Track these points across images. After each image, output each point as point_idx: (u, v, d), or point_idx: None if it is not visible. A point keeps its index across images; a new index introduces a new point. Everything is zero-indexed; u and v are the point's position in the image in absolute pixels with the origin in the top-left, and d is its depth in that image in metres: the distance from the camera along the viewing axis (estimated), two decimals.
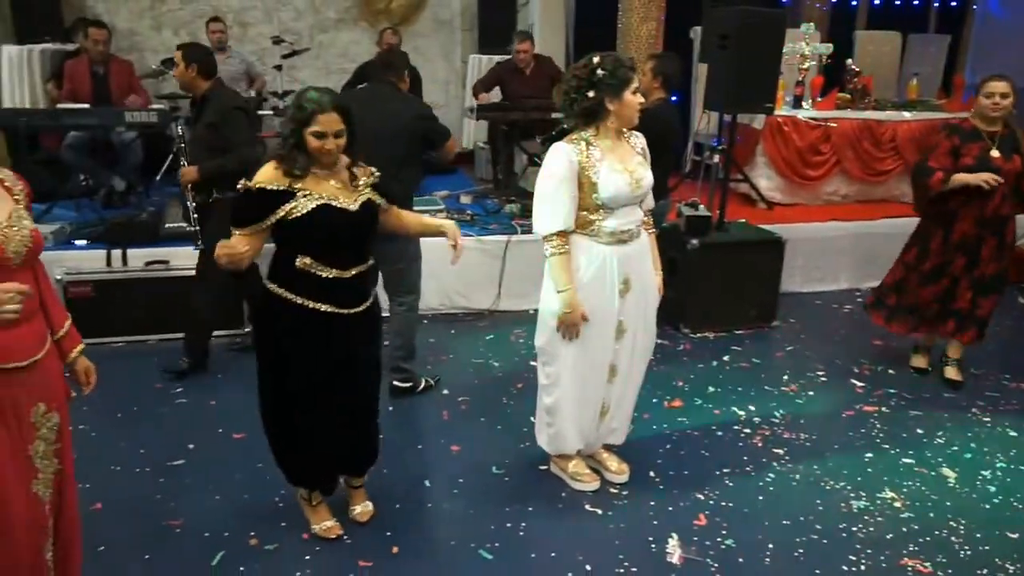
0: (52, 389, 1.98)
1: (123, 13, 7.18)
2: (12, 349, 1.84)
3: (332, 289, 2.43)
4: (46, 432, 1.96)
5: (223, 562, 2.59)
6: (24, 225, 1.90)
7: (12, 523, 1.88)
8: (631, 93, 2.69)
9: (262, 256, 2.56)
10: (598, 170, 2.69)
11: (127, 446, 3.32)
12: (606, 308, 2.81)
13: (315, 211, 2.36)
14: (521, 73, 6.20)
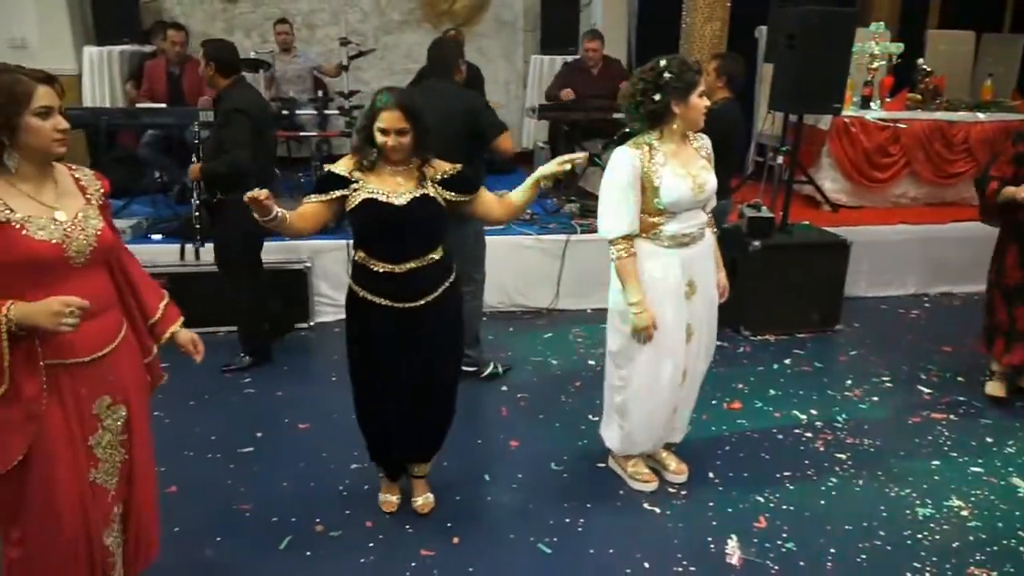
0: (120, 383, 2.05)
1: (197, 16, 7.44)
2: (75, 345, 1.92)
3: (386, 283, 2.51)
4: (111, 424, 2.03)
5: (290, 546, 2.69)
6: (91, 225, 1.95)
7: (60, 509, 1.96)
8: (697, 96, 2.70)
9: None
10: (661, 175, 2.70)
11: (199, 432, 3.46)
12: (675, 312, 2.82)
13: (361, 205, 2.48)
14: (588, 73, 6.22)
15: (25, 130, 1.82)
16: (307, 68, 6.86)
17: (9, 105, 1.79)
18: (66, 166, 2.02)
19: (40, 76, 1.85)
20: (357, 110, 6.42)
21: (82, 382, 1.95)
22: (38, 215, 1.86)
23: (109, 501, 2.07)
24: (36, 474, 1.93)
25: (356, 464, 3.17)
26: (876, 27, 5.96)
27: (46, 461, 1.93)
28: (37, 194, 1.89)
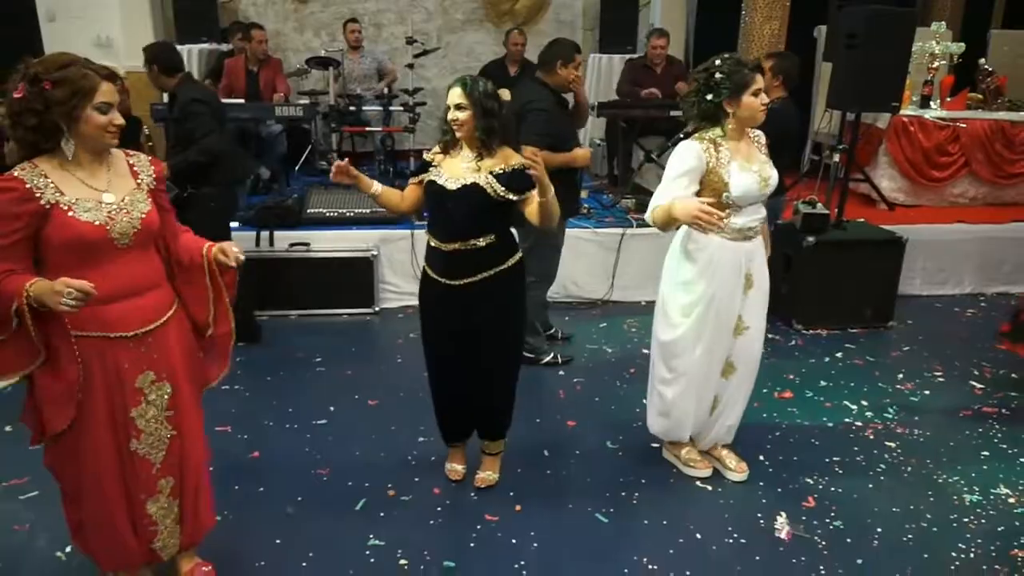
0: (166, 361, 2.17)
1: (270, 15, 7.79)
2: (120, 320, 2.06)
3: (437, 258, 2.76)
4: (155, 399, 2.16)
5: (365, 507, 2.91)
6: (138, 209, 2.08)
7: (101, 474, 2.14)
8: (750, 95, 2.74)
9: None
10: (729, 169, 2.77)
11: (276, 405, 3.71)
12: (729, 304, 2.90)
13: (427, 185, 2.75)
14: (652, 71, 6.35)
15: (84, 121, 1.98)
16: (373, 66, 7.13)
17: (74, 97, 1.94)
18: (124, 152, 2.17)
19: (105, 73, 2.02)
20: (420, 107, 6.67)
21: (124, 356, 2.09)
22: (86, 198, 2.01)
23: (153, 473, 2.21)
24: (82, 441, 2.11)
25: (423, 438, 3.38)
26: (937, 27, 5.97)
27: (86, 429, 2.09)
28: (89, 178, 2.04)
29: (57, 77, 1.93)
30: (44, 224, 1.97)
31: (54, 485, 2.90)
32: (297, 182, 6.46)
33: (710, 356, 2.96)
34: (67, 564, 2.58)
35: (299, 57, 7.48)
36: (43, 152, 2.02)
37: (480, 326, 2.78)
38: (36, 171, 1.99)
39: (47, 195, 1.97)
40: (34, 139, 1.99)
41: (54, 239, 1.99)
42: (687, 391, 3.02)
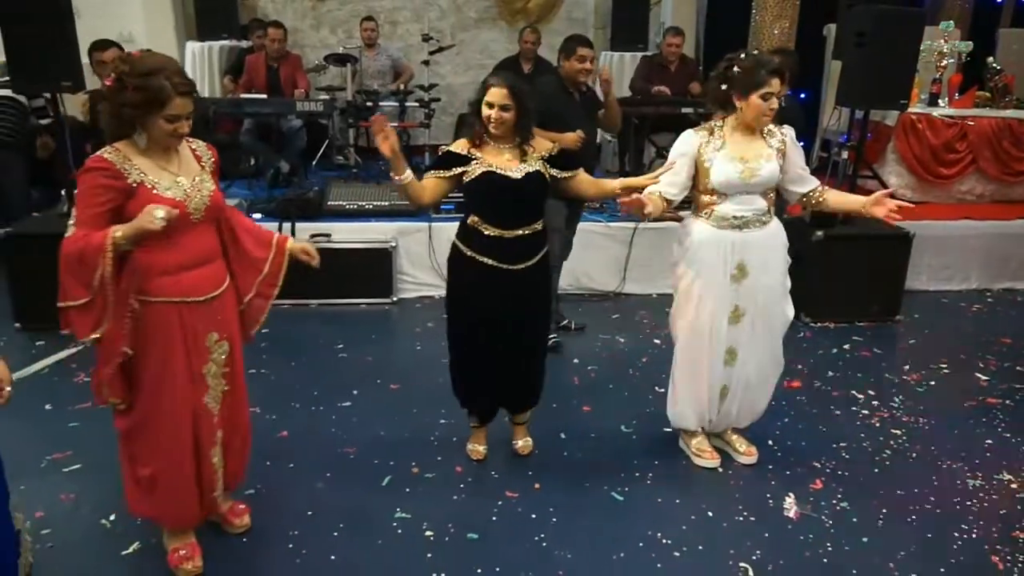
0: (225, 322, 2.43)
1: (288, 13, 7.92)
2: (194, 287, 2.32)
3: (494, 246, 2.84)
4: (217, 356, 2.43)
5: (391, 483, 3.04)
6: (206, 188, 2.34)
7: (179, 429, 2.38)
8: (758, 97, 2.80)
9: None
10: (712, 158, 2.88)
11: (302, 388, 3.84)
12: (717, 290, 2.98)
13: (482, 176, 2.82)
14: (666, 69, 6.45)
15: (153, 126, 2.20)
16: (388, 63, 7.26)
17: (147, 104, 2.16)
18: (185, 140, 2.38)
19: (184, 89, 2.20)
20: (435, 103, 6.80)
21: (198, 319, 2.35)
22: (165, 178, 2.26)
23: (214, 424, 2.47)
24: (164, 400, 2.33)
25: (444, 420, 3.51)
26: (946, 25, 6.06)
27: (169, 387, 2.33)
28: (164, 162, 2.28)
29: (137, 84, 2.14)
30: (129, 201, 2.18)
31: (95, 458, 3.09)
32: (315, 176, 6.59)
33: (701, 341, 3.04)
34: (111, 531, 2.72)
35: (316, 53, 7.61)
36: (122, 137, 2.24)
37: (531, 305, 2.97)
38: (120, 155, 2.21)
39: (133, 175, 2.19)
40: (116, 126, 2.22)
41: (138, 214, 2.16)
42: (681, 374, 3.14)
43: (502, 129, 2.79)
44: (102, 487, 2.92)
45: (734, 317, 3.04)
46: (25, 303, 4.45)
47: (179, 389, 2.35)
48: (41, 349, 4.19)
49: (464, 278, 2.94)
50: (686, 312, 3.06)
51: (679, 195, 2.98)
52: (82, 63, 4.38)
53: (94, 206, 2.16)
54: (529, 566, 2.57)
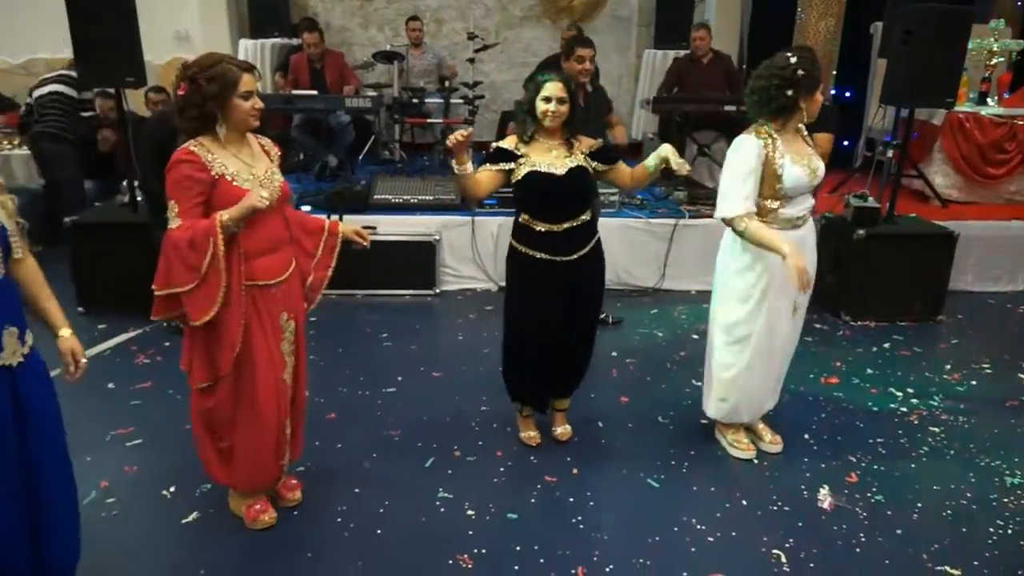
0: (293, 302, 2.62)
1: (337, 12, 8.12)
2: (268, 270, 2.49)
3: (547, 240, 2.96)
4: (288, 335, 2.62)
5: (433, 465, 3.16)
6: (276, 179, 2.51)
7: (263, 403, 2.54)
8: (820, 92, 2.93)
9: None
10: (782, 163, 2.91)
11: (349, 373, 3.98)
12: (786, 289, 3.01)
13: (527, 176, 2.93)
14: (698, 63, 6.48)
15: (232, 108, 2.36)
16: (434, 61, 7.40)
17: (223, 89, 2.33)
18: (252, 135, 2.56)
19: (246, 66, 2.40)
20: (479, 99, 6.92)
21: (272, 300, 2.53)
22: (242, 170, 2.42)
23: (288, 398, 2.66)
24: (247, 377, 2.50)
25: (485, 407, 3.62)
26: (996, 24, 5.98)
27: (252, 365, 2.50)
28: (240, 154, 2.46)
29: (209, 75, 2.31)
30: (212, 191, 2.35)
31: (155, 434, 3.27)
32: (361, 170, 6.76)
33: (771, 339, 3.11)
34: (172, 501, 2.88)
35: (364, 51, 7.80)
36: (201, 135, 2.39)
37: (587, 293, 3.09)
38: (204, 148, 2.37)
39: (216, 167, 2.36)
40: (196, 127, 2.38)
41: (221, 204, 2.34)
42: (750, 374, 3.16)
43: (558, 121, 2.91)
44: (163, 461, 3.10)
45: (795, 312, 3.14)
46: (88, 289, 4.68)
47: (261, 367, 2.52)
48: (103, 332, 4.41)
49: (522, 275, 3.06)
50: (757, 317, 3.06)
51: (752, 209, 2.96)
52: (145, 61, 4.58)
53: (191, 198, 2.33)
54: (566, 546, 2.66)
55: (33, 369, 1.99)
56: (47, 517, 2.08)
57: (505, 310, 3.17)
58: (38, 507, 2.05)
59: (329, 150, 6.43)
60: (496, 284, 5.18)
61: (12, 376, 1.93)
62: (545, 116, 2.89)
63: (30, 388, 1.97)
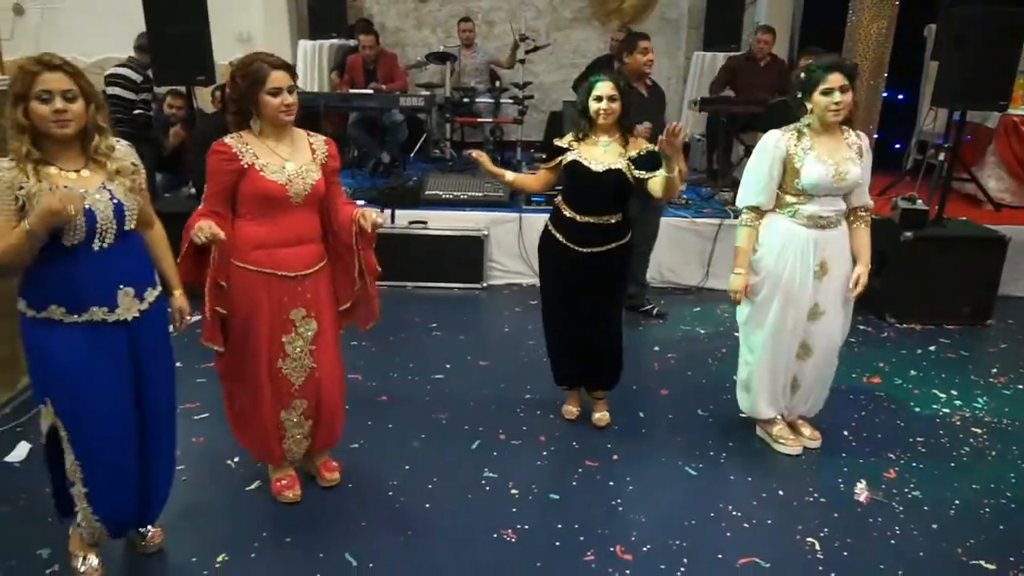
0: (315, 302, 2.67)
1: (392, 13, 8.35)
2: (285, 262, 2.58)
3: (568, 226, 3.14)
4: (304, 332, 2.68)
5: (479, 448, 3.30)
6: (311, 176, 2.57)
7: (256, 381, 2.67)
8: (819, 94, 2.92)
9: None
10: (803, 159, 2.98)
11: (399, 360, 4.15)
12: (799, 287, 3.09)
13: (569, 164, 3.11)
14: (756, 65, 6.51)
15: (262, 103, 2.49)
16: (485, 62, 7.56)
17: (253, 85, 2.49)
18: (306, 132, 2.71)
19: (276, 63, 2.52)
20: (529, 100, 7.05)
21: (284, 292, 2.62)
22: (273, 163, 2.53)
23: (291, 391, 2.74)
24: (245, 350, 2.65)
25: (529, 395, 3.75)
26: None
27: (252, 344, 2.63)
28: (277, 148, 2.56)
29: (243, 72, 2.49)
30: (241, 180, 2.51)
31: (220, 409, 3.45)
32: (412, 167, 6.96)
33: (780, 336, 3.16)
34: (236, 470, 3.08)
35: (417, 52, 8.00)
36: (244, 128, 2.58)
37: (597, 289, 3.20)
38: (241, 140, 2.54)
39: (246, 158, 2.51)
40: (238, 120, 2.56)
41: (247, 192, 2.52)
42: (761, 369, 3.24)
43: (610, 119, 3.04)
44: (226, 434, 3.24)
45: (813, 314, 3.16)
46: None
47: (255, 348, 2.64)
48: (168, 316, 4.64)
49: (545, 249, 3.27)
50: (767, 309, 3.15)
51: (772, 203, 3.09)
52: (214, 61, 4.83)
53: (215, 184, 2.53)
54: (605, 525, 2.78)
55: (148, 324, 2.29)
56: (152, 451, 2.40)
57: (540, 289, 3.41)
58: (146, 441, 2.37)
59: (383, 147, 6.63)
60: None
61: (129, 329, 2.23)
62: (598, 115, 3.03)
63: (145, 340, 2.28)
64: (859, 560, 2.63)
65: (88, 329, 2.16)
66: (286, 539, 2.69)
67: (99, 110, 2.14)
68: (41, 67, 2.01)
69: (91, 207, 2.09)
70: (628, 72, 4.27)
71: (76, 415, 2.21)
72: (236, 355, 2.67)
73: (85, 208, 2.07)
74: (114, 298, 2.18)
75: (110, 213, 2.13)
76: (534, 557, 2.61)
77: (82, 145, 2.14)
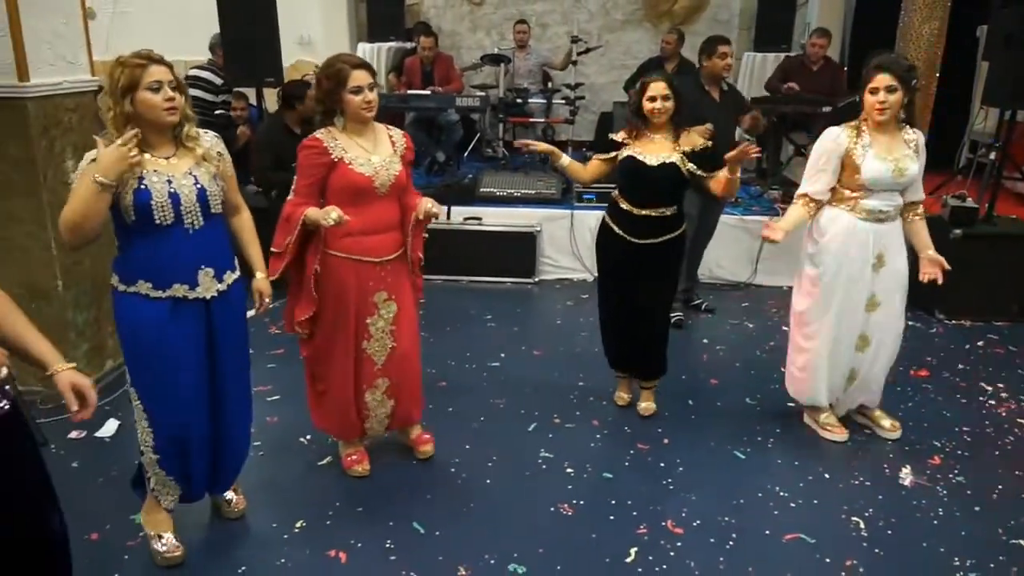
0: (396, 286, 2.89)
1: (448, 17, 8.59)
2: (371, 248, 2.80)
3: (625, 219, 3.30)
4: (385, 313, 2.90)
5: (536, 429, 3.49)
6: (394, 168, 2.79)
7: (341, 362, 2.88)
8: (867, 93, 3.06)
9: None
10: (863, 155, 3.12)
11: (456, 349, 4.36)
12: (857, 279, 3.21)
13: (624, 160, 3.28)
14: (808, 68, 6.57)
15: (345, 101, 2.71)
16: (538, 64, 7.75)
17: (337, 85, 2.69)
18: (385, 126, 2.92)
19: (356, 63, 2.73)
20: (580, 100, 7.22)
21: (369, 276, 2.84)
22: (361, 157, 2.74)
23: (374, 371, 2.96)
24: (333, 333, 2.87)
25: (582, 382, 3.92)
26: None
27: (339, 326, 2.85)
28: (363, 143, 2.78)
29: (326, 73, 2.71)
30: (331, 173, 2.73)
31: (291, 392, 3.71)
32: (466, 166, 7.18)
33: (839, 327, 3.28)
34: (308, 447, 3.31)
35: (471, 54, 8.23)
36: (330, 125, 2.79)
37: (652, 278, 3.36)
38: (330, 135, 2.76)
39: (336, 152, 2.72)
40: (325, 119, 2.78)
41: (336, 184, 2.74)
42: (819, 358, 3.35)
43: (664, 117, 3.20)
44: (298, 415, 3.52)
45: (871, 305, 3.28)
46: None
47: (343, 330, 2.86)
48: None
49: (603, 244, 3.45)
50: (830, 299, 3.26)
51: (826, 195, 3.23)
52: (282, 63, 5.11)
53: (307, 177, 2.75)
54: (656, 502, 2.94)
55: (225, 303, 2.47)
56: (225, 423, 2.60)
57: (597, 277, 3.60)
58: (220, 413, 2.57)
59: (438, 146, 6.87)
60: (592, 274, 5.46)
61: (207, 306, 2.43)
62: (652, 114, 3.19)
63: (221, 318, 2.47)
64: (902, 538, 2.75)
65: (170, 304, 2.35)
66: (357, 508, 2.91)
67: (187, 100, 2.36)
68: (148, 60, 2.23)
69: (177, 191, 2.29)
70: (705, 75, 4.40)
71: (151, 382, 2.40)
72: (324, 338, 2.89)
73: (171, 191, 2.28)
74: (195, 277, 2.37)
75: (194, 197, 2.33)
76: (589, 529, 2.79)
77: (172, 133, 2.35)
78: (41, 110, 3.35)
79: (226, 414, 2.60)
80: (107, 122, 2.25)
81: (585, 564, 2.61)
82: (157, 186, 2.25)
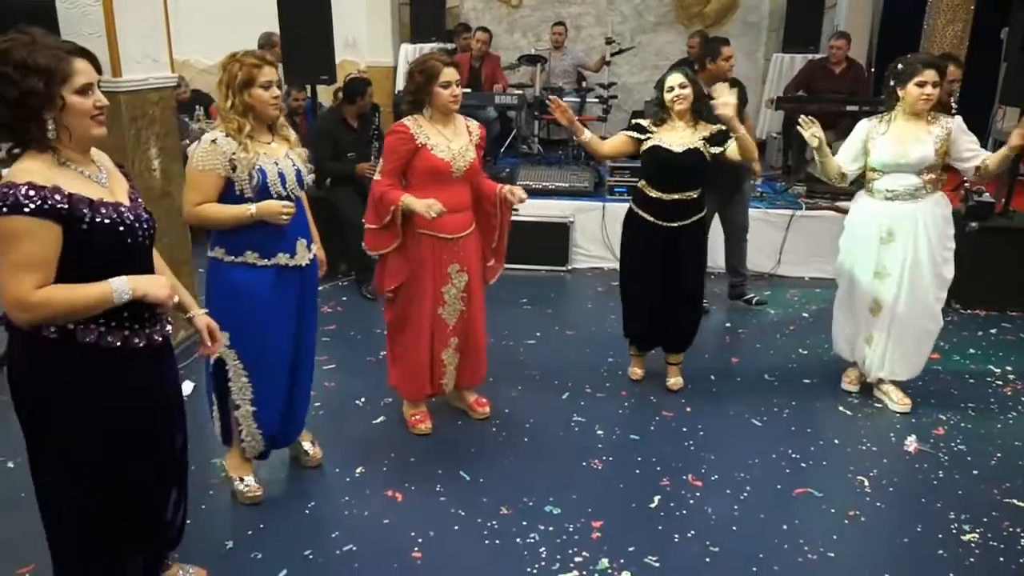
0: (467, 259, 3.24)
1: (487, 18, 8.94)
2: (448, 226, 3.12)
3: (654, 205, 3.58)
4: (457, 283, 3.26)
5: (569, 397, 3.81)
6: (469, 154, 3.14)
7: (419, 327, 3.25)
8: (914, 85, 3.39)
9: None
10: (876, 141, 3.50)
11: (495, 328, 4.55)
12: (865, 250, 3.61)
13: (650, 148, 3.56)
14: (830, 71, 6.80)
15: (434, 95, 3.06)
16: (573, 64, 8.06)
17: (428, 80, 3.04)
18: (464, 117, 3.27)
19: (447, 61, 3.07)
20: (613, 100, 7.52)
21: (444, 250, 3.19)
22: (441, 143, 3.09)
23: (447, 331, 3.33)
24: (413, 301, 3.23)
25: (611, 359, 4.23)
26: None
27: (418, 295, 3.21)
28: (444, 130, 3.15)
29: (419, 69, 3.06)
30: (414, 157, 3.08)
31: (345, 362, 4.07)
32: (503, 161, 7.51)
33: (852, 289, 3.73)
34: (363, 408, 3.68)
35: (508, 55, 8.55)
36: (417, 114, 3.14)
37: (682, 257, 3.64)
38: (416, 122, 3.11)
39: (420, 138, 3.08)
40: (411, 108, 3.13)
41: (419, 167, 3.08)
42: (837, 311, 3.87)
43: (684, 104, 3.49)
44: (353, 381, 3.91)
45: (878, 274, 3.61)
46: None
47: (421, 298, 3.23)
48: None
49: (632, 232, 3.72)
50: (848, 263, 3.72)
51: (853, 168, 3.62)
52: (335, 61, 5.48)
53: (393, 161, 3.10)
54: (679, 460, 3.25)
55: (313, 270, 2.85)
56: (298, 379, 2.95)
57: (620, 262, 3.84)
58: (295, 371, 2.92)
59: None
60: None
61: (301, 273, 2.78)
62: (673, 102, 3.49)
63: (308, 283, 2.85)
64: (903, 494, 3.03)
65: (274, 272, 2.71)
66: (410, 459, 3.26)
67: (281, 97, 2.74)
68: (263, 62, 2.59)
69: (282, 171, 2.65)
70: (709, 77, 4.63)
71: (256, 343, 2.74)
72: (405, 305, 3.26)
73: (279, 171, 2.64)
74: (294, 247, 2.74)
75: (293, 177, 2.69)
76: (618, 480, 3.11)
77: (269, 124, 2.71)
78: (131, 103, 3.75)
79: (300, 373, 2.96)
80: (222, 110, 2.61)
81: (613, 508, 2.93)
82: (268, 167, 2.61)
